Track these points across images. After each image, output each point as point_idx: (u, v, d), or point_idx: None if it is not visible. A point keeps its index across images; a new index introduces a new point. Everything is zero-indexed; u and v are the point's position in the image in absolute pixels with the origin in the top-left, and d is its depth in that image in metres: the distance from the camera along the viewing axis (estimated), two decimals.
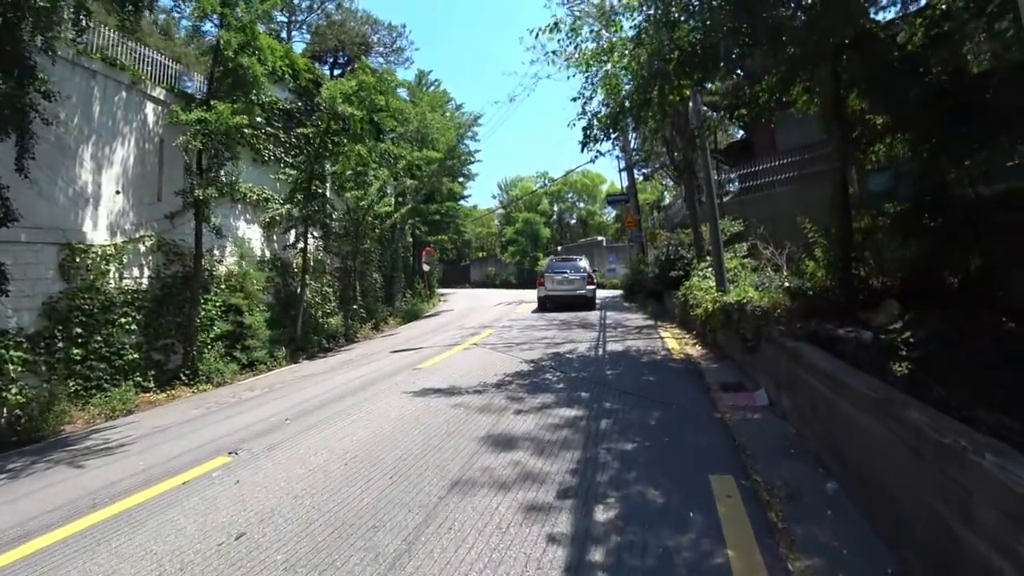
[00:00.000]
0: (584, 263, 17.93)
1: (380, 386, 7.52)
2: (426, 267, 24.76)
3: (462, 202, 43.71)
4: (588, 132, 7.89)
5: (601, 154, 8.10)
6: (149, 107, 11.15)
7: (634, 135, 21.02)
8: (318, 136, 14.53)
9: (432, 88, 29.09)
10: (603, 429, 4.84)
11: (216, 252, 12.57)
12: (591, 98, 8.33)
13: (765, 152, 14.42)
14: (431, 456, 4.47)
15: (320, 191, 14.98)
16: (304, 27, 29.09)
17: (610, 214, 50.13)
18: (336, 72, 21.34)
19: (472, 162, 30.31)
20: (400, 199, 23.34)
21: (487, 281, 48.25)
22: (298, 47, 27.91)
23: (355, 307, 17.19)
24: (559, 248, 40.22)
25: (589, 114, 8.01)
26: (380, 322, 18.64)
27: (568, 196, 51.72)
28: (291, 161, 15.26)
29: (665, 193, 27.69)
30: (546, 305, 17.27)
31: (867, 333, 5.82)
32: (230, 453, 5.17)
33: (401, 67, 31.15)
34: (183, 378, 10.06)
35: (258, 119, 14.26)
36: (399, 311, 20.89)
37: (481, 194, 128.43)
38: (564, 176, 43.32)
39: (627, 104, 7.86)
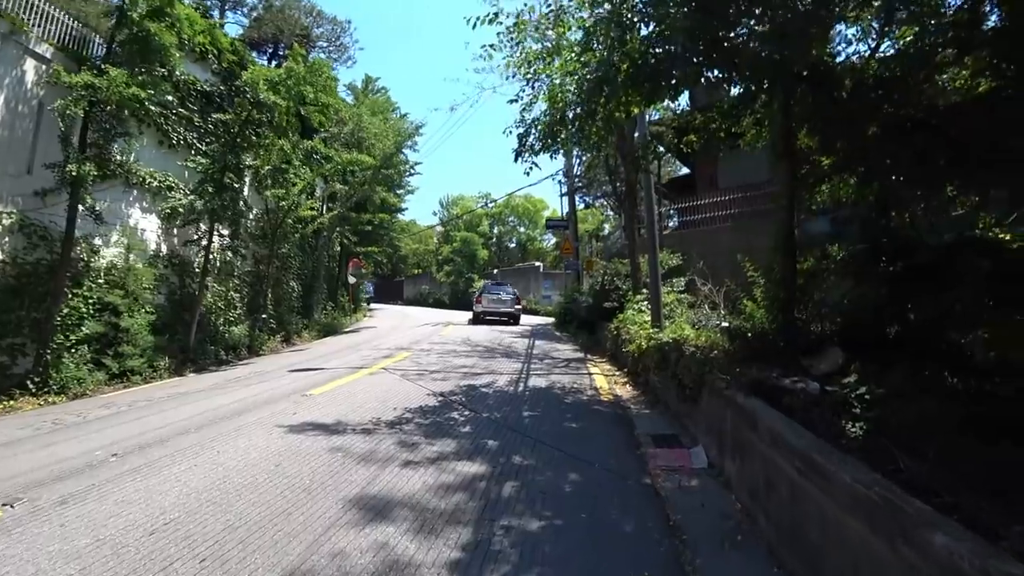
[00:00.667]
0: (512, 289, 23.53)
1: (256, 415, 6.22)
2: (352, 279, 23.25)
3: (400, 216, 42.45)
4: (524, 140, 7.02)
5: (537, 166, 7.26)
6: (30, 64, 9.44)
7: (577, 160, 20.60)
8: (237, 124, 13.10)
9: (379, 95, 27.88)
10: (506, 496, 3.81)
11: (98, 240, 10.81)
12: (531, 104, 7.50)
13: (706, 189, 14.15)
14: (272, 527, 3.30)
15: (234, 185, 13.44)
16: (242, 9, 27.27)
17: (550, 241, 49.99)
18: (274, 64, 19.89)
19: (411, 174, 29.19)
20: (330, 204, 21.89)
21: (420, 299, 46.77)
22: (233, 29, 26.13)
23: (264, 316, 15.56)
24: (495, 272, 39.45)
25: (528, 121, 7.16)
26: (293, 335, 17.04)
27: (509, 219, 51.26)
28: (204, 149, 13.68)
29: (605, 224, 27.48)
30: (481, 318, 21.38)
31: (814, 384, 5.15)
32: (3, 505, 3.79)
33: (343, 66, 29.81)
34: (30, 386, 8.31)
35: (168, 97, 12.70)
36: (317, 324, 19.30)
37: (422, 210, 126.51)
38: (507, 197, 42.85)
39: (569, 114, 7.09)
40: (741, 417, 3.86)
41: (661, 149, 11.25)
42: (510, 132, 7.23)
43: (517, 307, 21.72)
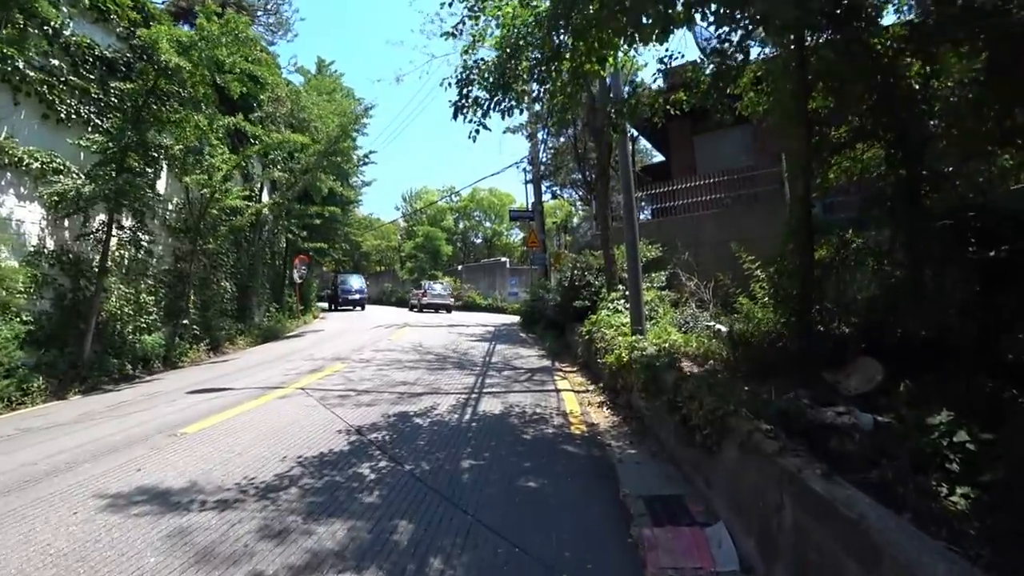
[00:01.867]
0: (448, 284, 30.98)
1: (87, 471, 4.34)
2: (298, 278, 21.13)
3: (357, 209, 40.17)
4: (465, 91, 5.27)
5: (484, 127, 5.50)
6: None
7: (543, 146, 18.95)
8: (140, 95, 11.00)
9: (333, 79, 25.71)
10: None
11: None
12: (475, 43, 5.72)
13: (684, 175, 12.64)
14: None
15: (138, 168, 11.33)
16: None
17: (517, 236, 48.33)
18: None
19: (365, 163, 27.07)
20: (273, 196, 19.73)
21: (383, 297, 44.54)
22: None
23: (185, 322, 13.47)
24: (459, 267, 37.67)
25: (470, 66, 5.39)
26: (224, 342, 14.96)
27: (475, 214, 49.43)
28: (104, 125, 11.53)
29: (574, 217, 25.88)
30: (421, 309, 26.95)
31: (866, 417, 3.64)
32: None
33: (283, 40, 27.42)
34: None
35: (53, 61, 10.59)
36: (257, 328, 17.22)
37: (384, 205, 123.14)
38: (471, 190, 41.01)
39: (525, 63, 5.38)
40: (822, 519, 2.17)
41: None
42: (449, 84, 5.46)
43: (451, 300, 27.95)
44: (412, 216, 47.72)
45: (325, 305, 32.08)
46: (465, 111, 5.26)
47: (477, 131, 5.60)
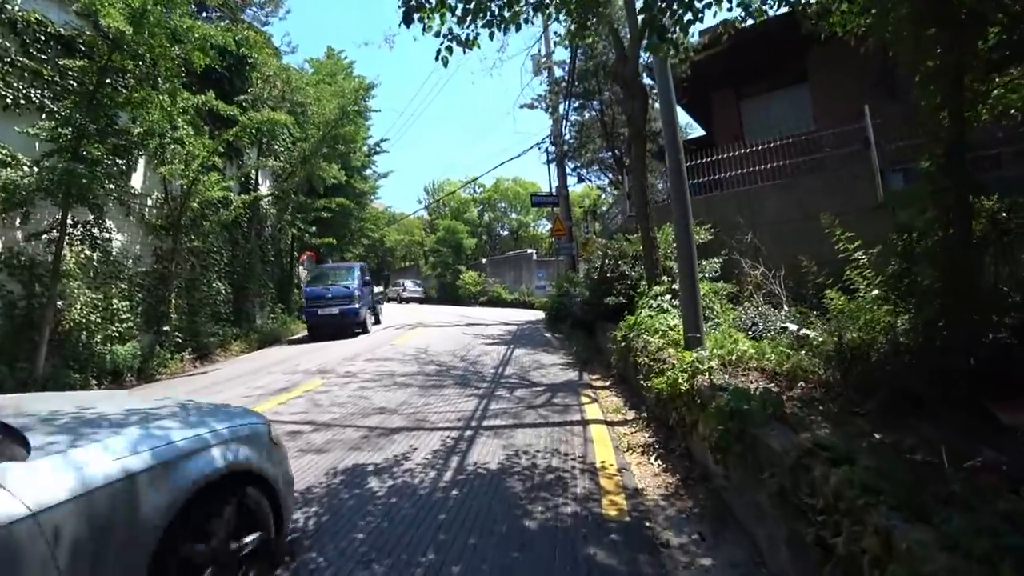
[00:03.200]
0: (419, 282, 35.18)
1: None
2: (304, 275, 19.54)
3: (377, 203, 38.66)
4: None
5: (460, 44, 3.58)
6: None
7: (566, 123, 16.84)
8: (92, 73, 9.46)
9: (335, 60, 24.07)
10: None
11: None
12: None
13: (730, 145, 10.43)
14: None
15: (98, 156, 9.80)
16: None
17: (544, 227, 46.22)
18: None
19: (376, 152, 25.41)
20: (279, 192, 18.16)
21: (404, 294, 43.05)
22: None
23: (166, 329, 11.94)
24: (483, 261, 35.86)
25: None
26: (215, 348, 13.45)
27: (500, 205, 47.47)
28: (56, 110, 10.04)
29: (603, 204, 23.68)
30: (403, 301, 29.41)
31: None
32: None
33: (275, 17, 25.82)
34: None
35: None
36: (256, 332, 15.70)
37: (407, 200, 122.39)
38: (491, 172, 39.07)
39: None
40: None
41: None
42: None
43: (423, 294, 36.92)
44: (435, 209, 46.04)
45: None
46: (423, 14, 3.33)
47: (449, 50, 3.65)
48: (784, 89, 13.12)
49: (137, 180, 12.56)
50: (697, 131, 17.91)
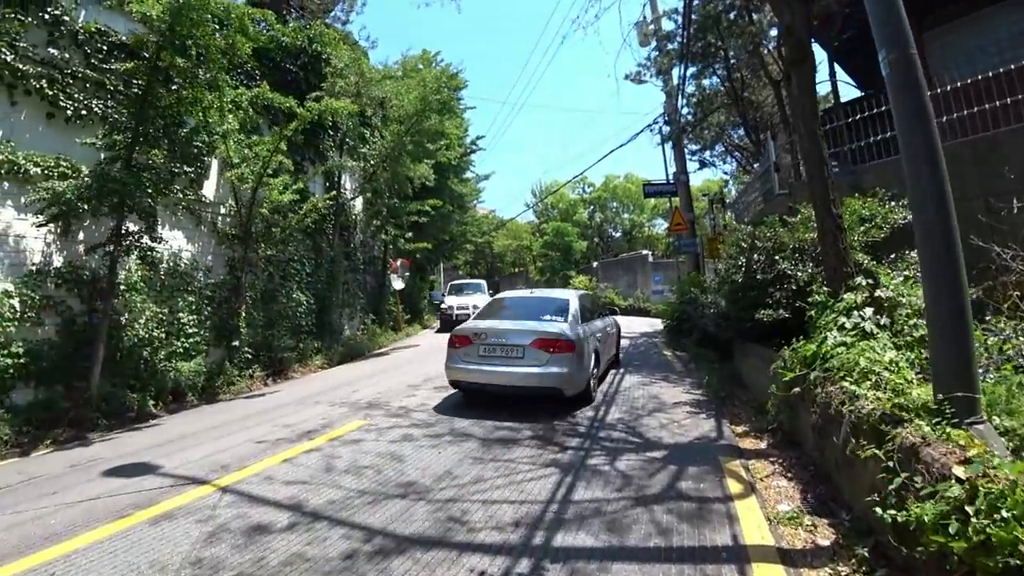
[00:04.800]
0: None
1: None
2: (397, 284, 18.28)
3: (481, 207, 37.46)
4: None
5: None
6: None
7: (682, 93, 13.90)
8: (143, 74, 8.53)
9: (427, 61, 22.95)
10: None
11: None
12: None
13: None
14: None
15: (153, 161, 8.87)
16: None
17: (661, 227, 42.57)
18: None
19: (472, 151, 23.86)
20: (369, 196, 17.06)
21: None
22: None
23: (235, 344, 10.87)
24: (594, 264, 33.16)
25: None
26: (293, 363, 12.34)
27: (611, 205, 44.49)
28: (115, 119, 9.22)
29: (728, 190, 20.13)
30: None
31: None
32: None
33: (355, 14, 25.04)
34: None
35: (52, 51, 8.52)
36: (344, 345, 14.58)
37: (514, 204, 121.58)
38: (600, 162, 36.24)
39: None
40: None
41: None
42: None
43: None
44: (543, 212, 44.10)
45: None
46: None
47: None
48: (986, 10, 9.39)
49: (210, 188, 11.74)
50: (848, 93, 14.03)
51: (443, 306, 20.31)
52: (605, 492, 3.79)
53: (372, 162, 14.65)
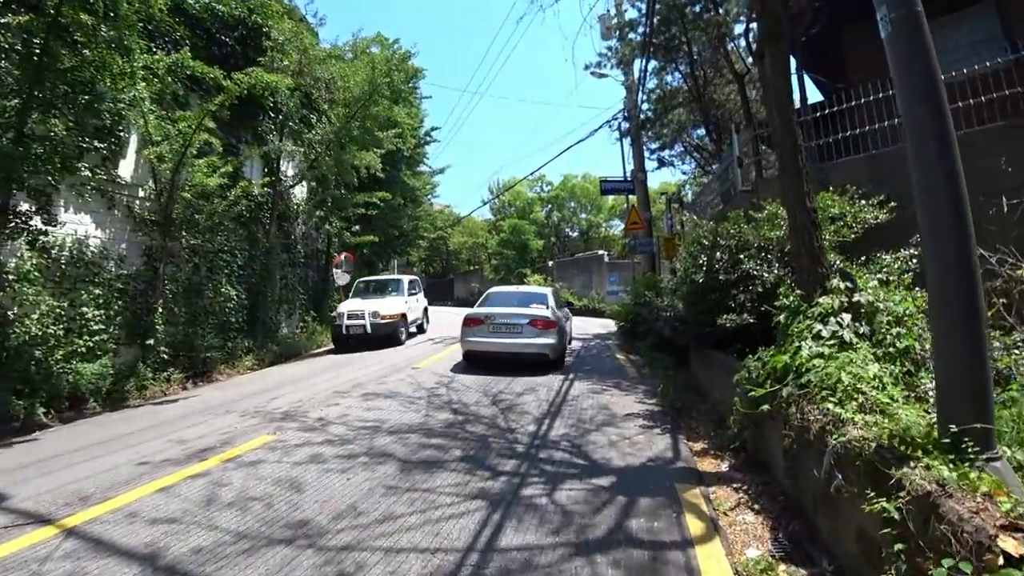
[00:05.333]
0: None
1: None
2: (341, 280, 17.21)
3: (438, 203, 36.50)
4: None
5: None
6: None
7: (643, 87, 13.45)
8: (42, 30, 7.45)
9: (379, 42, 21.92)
10: None
11: None
12: None
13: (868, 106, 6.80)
14: None
15: (54, 133, 7.75)
16: None
17: (617, 227, 42.50)
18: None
19: (427, 142, 22.99)
20: (312, 183, 15.96)
21: (469, 298, 40.64)
22: None
23: (150, 343, 9.73)
24: (549, 263, 32.74)
25: None
26: (219, 364, 11.24)
27: (568, 204, 44.14)
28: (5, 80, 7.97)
29: (687, 188, 19.90)
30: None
31: None
32: None
33: None
34: None
35: None
36: (280, 344, 13.53)
37: (471, 201, 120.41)
38: (559, 157, 35.82)
39: None
40: None
41: None
42: None
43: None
44: (500, 210, 43.39)
45: None
46: None
47: None
48: (953, 14, 9.26)
49: (127, 169, 10.55)
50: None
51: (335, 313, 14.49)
52: (539, 536, 3.10)
53: (317, 148, 13.59)
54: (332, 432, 5.44)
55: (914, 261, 4.71)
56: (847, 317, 3.68)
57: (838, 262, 4.45)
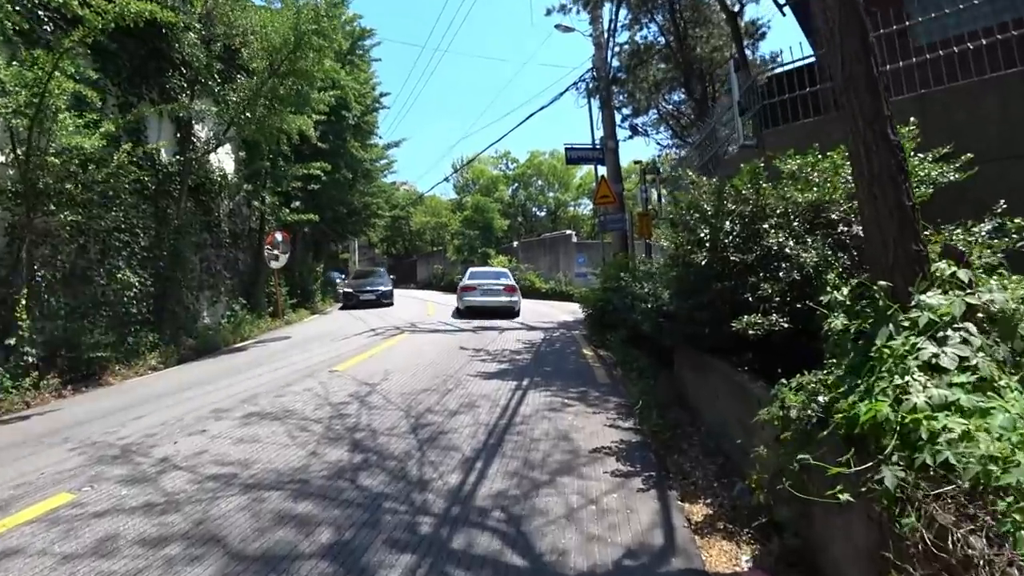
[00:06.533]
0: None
1: None
2: (274, 263, 15.16)
3: (394, 178, 34.26)
4: None
5: None
6: None
7: (613, 41, 11.70)
8: None
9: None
10: None
11: None
12: None
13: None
14: None
15: None
16: None
17: (587, 207, 40.96)
18: None
19: (376, 108, 20.91)
20: (241, 152, 13.82)
21: (432, 281, 38.69)
22: None
23: (10, 342, 7.74)
24: (514, 244, 31.08)
25: None
26: (112, 364, 9.29)
27: (536, 183, 42.34)
28: None
29: (658, 157, 18.25)
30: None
31: None
32: None
33: None
34: None
35: None
36: (198, 337, 11.63)
37: (433, 178, 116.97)
38: (521, 125, 33.97)
39: None
40: None
41: None
42: None
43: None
44: (463, 188, 41.33)
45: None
46: None
47: None
48: None
49: None
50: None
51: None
52: None
53: (234, 109, 11.48)
54: (165, 486, 3.66)
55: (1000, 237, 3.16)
56: (973, 330, 2.10)
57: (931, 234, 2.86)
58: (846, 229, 3.43)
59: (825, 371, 2.65)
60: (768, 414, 2.73)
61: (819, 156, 3.69)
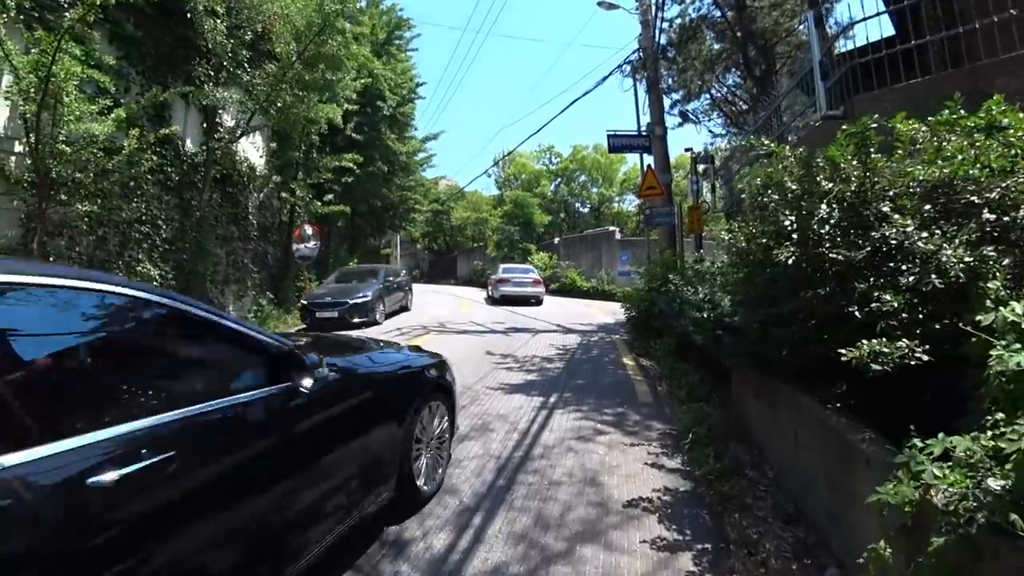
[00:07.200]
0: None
1: None
2: (303, 254, 14.67)
3: (435, 174, 33.78)
4: None
5: None
6: None
7: (661, 14, 10.59)
8: None
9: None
10: None
11: None
12: None
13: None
14: None
15: None
16: None
17: (631, 202, 39.52)
18: None
19: (411, 99, 20.27)
20: (273, 144, 13.39)
21: (472, 277, 38.11)
22: None
23: None
24: (555, 240, 30.11)
25: None
26: None
27: (579, 178, 41.12)
28: None
29: (713, 143, 16.90)
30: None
31: None
32: None
33: None
34: None
35: None
36: None
37: (473, 173, 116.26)
38: (563, 113, 32.91)
39: None
40: None
41: None
42: None
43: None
44: (504, 183, 40.52)
45: None
46: None
47: None
48: None
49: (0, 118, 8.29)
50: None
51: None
52: None
53: (259, 95, 10.98)
54: None
55: None
56: None
57: None
58: (997, 218, 2.38)
59: (991, 432, 1.68)
60: (894, 495, 1.77)
61: (961, 112, 2.64)
